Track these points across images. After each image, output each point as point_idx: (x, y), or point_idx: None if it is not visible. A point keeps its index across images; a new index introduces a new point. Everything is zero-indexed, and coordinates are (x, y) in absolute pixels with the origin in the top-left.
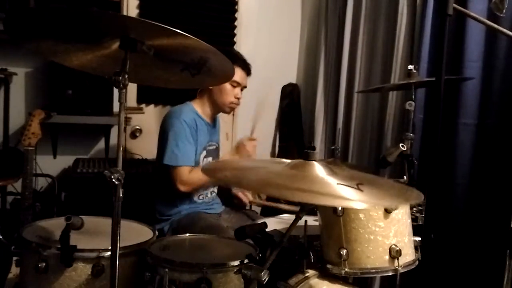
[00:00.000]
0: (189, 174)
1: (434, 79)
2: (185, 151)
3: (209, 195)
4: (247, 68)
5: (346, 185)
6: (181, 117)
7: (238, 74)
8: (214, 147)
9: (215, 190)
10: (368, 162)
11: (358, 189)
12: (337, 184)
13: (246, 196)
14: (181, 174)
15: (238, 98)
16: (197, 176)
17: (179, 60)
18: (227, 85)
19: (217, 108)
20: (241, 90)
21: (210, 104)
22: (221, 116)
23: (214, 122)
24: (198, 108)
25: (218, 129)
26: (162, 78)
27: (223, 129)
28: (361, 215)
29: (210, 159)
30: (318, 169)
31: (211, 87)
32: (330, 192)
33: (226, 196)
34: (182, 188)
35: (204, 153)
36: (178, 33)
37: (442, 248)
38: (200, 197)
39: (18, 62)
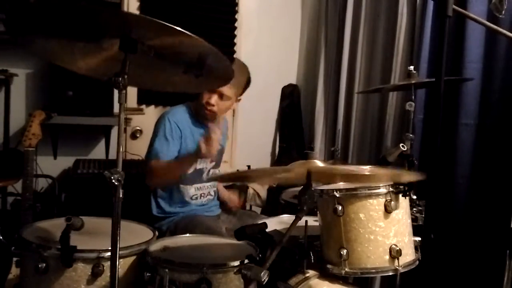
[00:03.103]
0: (153, 166)
1: (434, 79)
2: (160, 147)
3: (204, 198)
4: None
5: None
6: (167, 116)
7: None
8: None
9: (212, 193)
10: (368, 162)
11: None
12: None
13: (233, 200)
14: (148, 167)
15: (210, 104)
16: (161, 167)
17: (179, 59)
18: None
19: (199, 110)
20: (221, 98)
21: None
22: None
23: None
24: (193, 109)
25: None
26: (165, 81)
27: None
28: (361, 215)
29: (207, 160)
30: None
31: None
32: (338, 171)
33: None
34: (148, 181)
35: None
36: (177, 31)
37: (442, 248)
38: (194, 197)
39: (19, 63)
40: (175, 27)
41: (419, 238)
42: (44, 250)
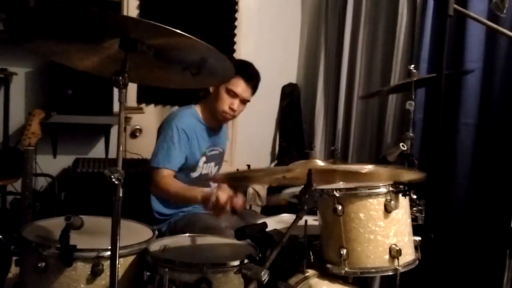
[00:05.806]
0: (163, 178)
1: (434, 75)
2: (168, 154)
3: None
4: (252, 82)
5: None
6: (174, 121)
7: (240, 85)
8: (217, 152)
9: None
10: (368, 162)
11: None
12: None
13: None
14: (156, 176)
15: (233, 109)
16: (171, 183)
17: (180, 60)
18: (223, 93)
19: (213, 114)
20: (243, 103)
21: (208, 109)
22: None
23: (218, 127)
24: (200, 112)
25: (223, 134)
26: (163, 78)
27: None
28: (361, 215)
29: (212, 164)
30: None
31: (211, 92)
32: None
33: None
34: (153, 189)
35: (204, 158)
36: (177, 33)
37: (442, 248)
38: None
39: (18, 62)
40: (173, 29)
41: (419, 238)
42: (44, 249)
